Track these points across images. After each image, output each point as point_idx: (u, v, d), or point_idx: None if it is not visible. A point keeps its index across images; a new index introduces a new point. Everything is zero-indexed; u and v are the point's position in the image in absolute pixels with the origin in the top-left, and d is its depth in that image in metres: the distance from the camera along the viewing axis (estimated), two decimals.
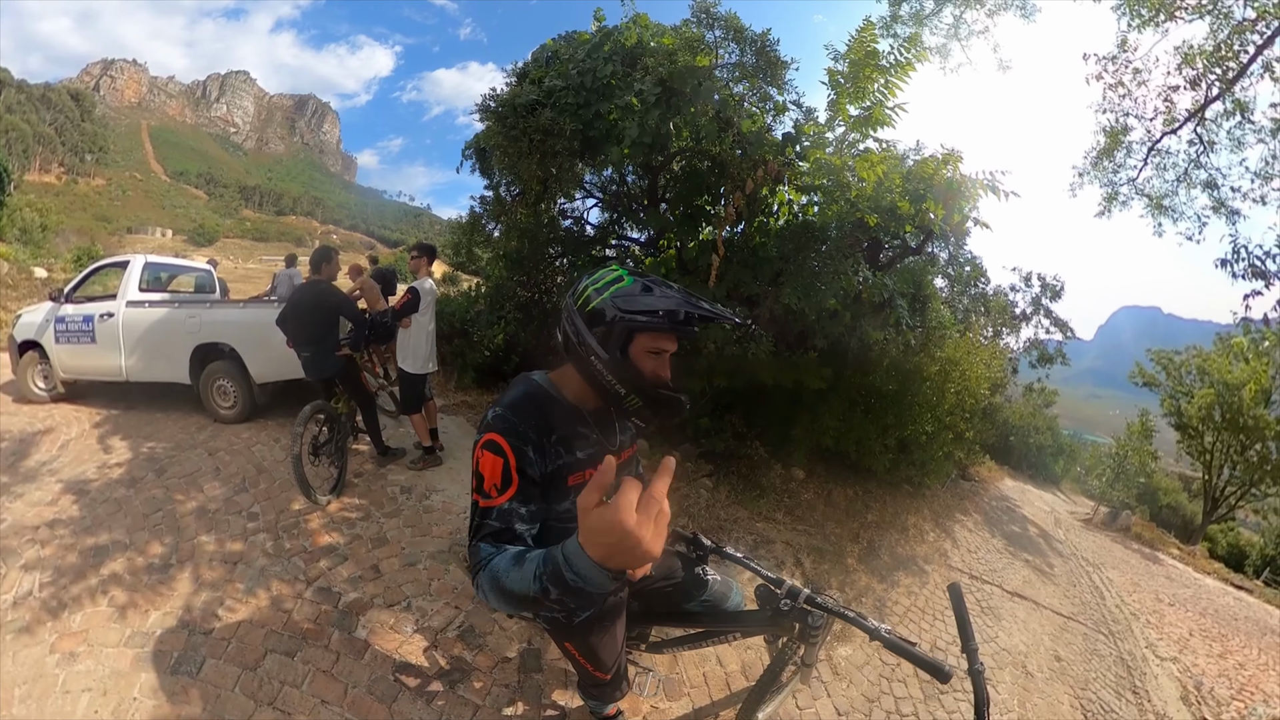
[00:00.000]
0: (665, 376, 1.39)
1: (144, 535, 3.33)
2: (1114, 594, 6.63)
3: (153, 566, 3.06)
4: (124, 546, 3.21)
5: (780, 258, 4.51)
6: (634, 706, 2.61)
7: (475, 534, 1.20)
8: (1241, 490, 15.62)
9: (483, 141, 5.81)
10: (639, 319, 1.28)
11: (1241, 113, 7.66)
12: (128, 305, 5.33)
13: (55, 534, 3.26)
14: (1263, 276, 6.13)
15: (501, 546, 1.14)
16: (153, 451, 4.50)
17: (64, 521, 3.40)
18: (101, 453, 4.44)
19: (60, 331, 5.37)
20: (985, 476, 11.81)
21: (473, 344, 7.29)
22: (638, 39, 5.21)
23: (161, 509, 3.62)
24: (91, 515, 3.50)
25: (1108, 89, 8.55)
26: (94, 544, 3.20)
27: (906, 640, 1.51)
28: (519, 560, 1.04)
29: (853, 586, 4.35)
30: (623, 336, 1.31)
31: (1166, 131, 8.33)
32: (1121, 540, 10.99)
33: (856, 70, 4.02)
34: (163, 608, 2.76)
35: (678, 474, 4.99)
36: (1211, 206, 8.20)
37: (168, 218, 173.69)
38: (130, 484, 3.92)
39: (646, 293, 1.30)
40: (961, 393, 6.62)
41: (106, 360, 5.32)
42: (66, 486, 3.82)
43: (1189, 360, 15.99)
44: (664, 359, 1.38)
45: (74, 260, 17.83)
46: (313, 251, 4.42)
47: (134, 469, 4.15)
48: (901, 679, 3.32)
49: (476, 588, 1.14)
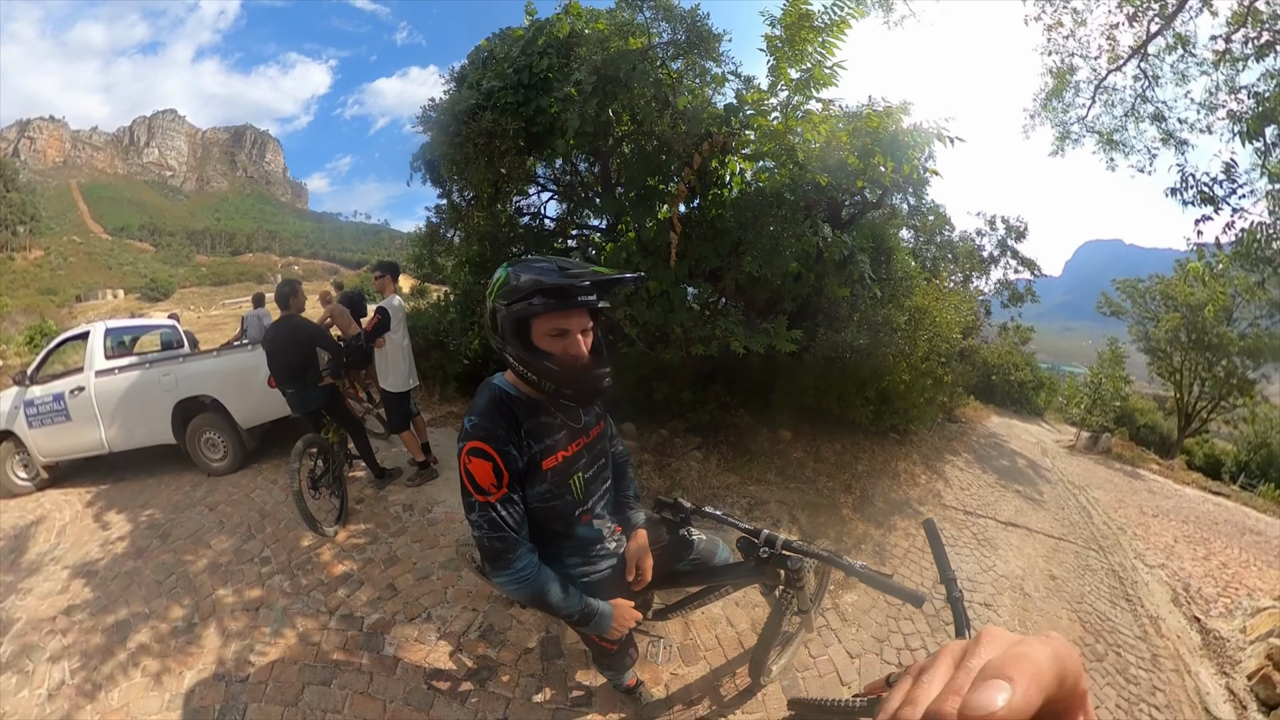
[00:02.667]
0: (579, 354, 1.39)
1: (162, 602, 3.33)
2: (1100, 512, 6.90)
3: (177, 629, 3.07)
4: (145, 616, 3.21)
5: (739, 227, 4.57)
6: (654, 675, 2.72)
7: (488, 528, 1.38)
8: (1212, 404, 16.36)
9: (428, 154, 5.77)
10: (516, 306, 1.33)
11: (1183, 46, 7.87)
12: (97, 375, 5.16)
13: (74, 620, 3.23)
14: (1211, 202, 6.31)
15: (523, 532, 1.43)
16: (152, 518, 4.44)
17: (79, 606, 3.37)
18: (101, 530, 4.36)
19: (32, 415, 5.18)
20: (971, 417, 12.09)
21: (450, 354, 7.28)
22: (570, 29, 5.20)
23: (174, 573, 3.61)
24: (105, 593, 3.48)
25: (1048, 29, 8.74)
26: (114, 621, 3.19)
27: (881, 572, 1.60)
28: (565, 588, 1.50)
29: (850, 535, 4.49)
30: (517, 327, 1.37)
31: (1111, 69, 8.54)
32: (1104, 462, 11.37)
33: (793, 34, 4.07)
34: (195, 666, 2.80)
35: (668, 449, 5.07)
36: (1160, 138, 8.44)
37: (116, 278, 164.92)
38: (137, 555, 3.89)
39: (518, 278, 1.32)
40: (934, 339, 6.78)
41: (86, 436, 5.15)
42: (74, 571, 3.77)
43: (1152, 288, 16.58)
44: (573, 338, 1.38)
45: (27, 342, 17.23)
46: (277, 288, 4.38)
47: (137, 539, 4.11)
48: (908, 616, 3.45)
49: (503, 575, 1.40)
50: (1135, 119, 8.62)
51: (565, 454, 1.51)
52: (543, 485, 1.48)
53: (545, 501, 1.51)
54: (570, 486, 1.54)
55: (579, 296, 1.30)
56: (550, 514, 1.55)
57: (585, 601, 1.55)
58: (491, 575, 1.44)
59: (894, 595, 1.57)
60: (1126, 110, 8.67)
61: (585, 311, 1.38)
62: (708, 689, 2.69)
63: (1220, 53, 7.40)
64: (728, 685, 2.72)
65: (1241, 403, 15.86)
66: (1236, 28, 7.08)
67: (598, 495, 1.66)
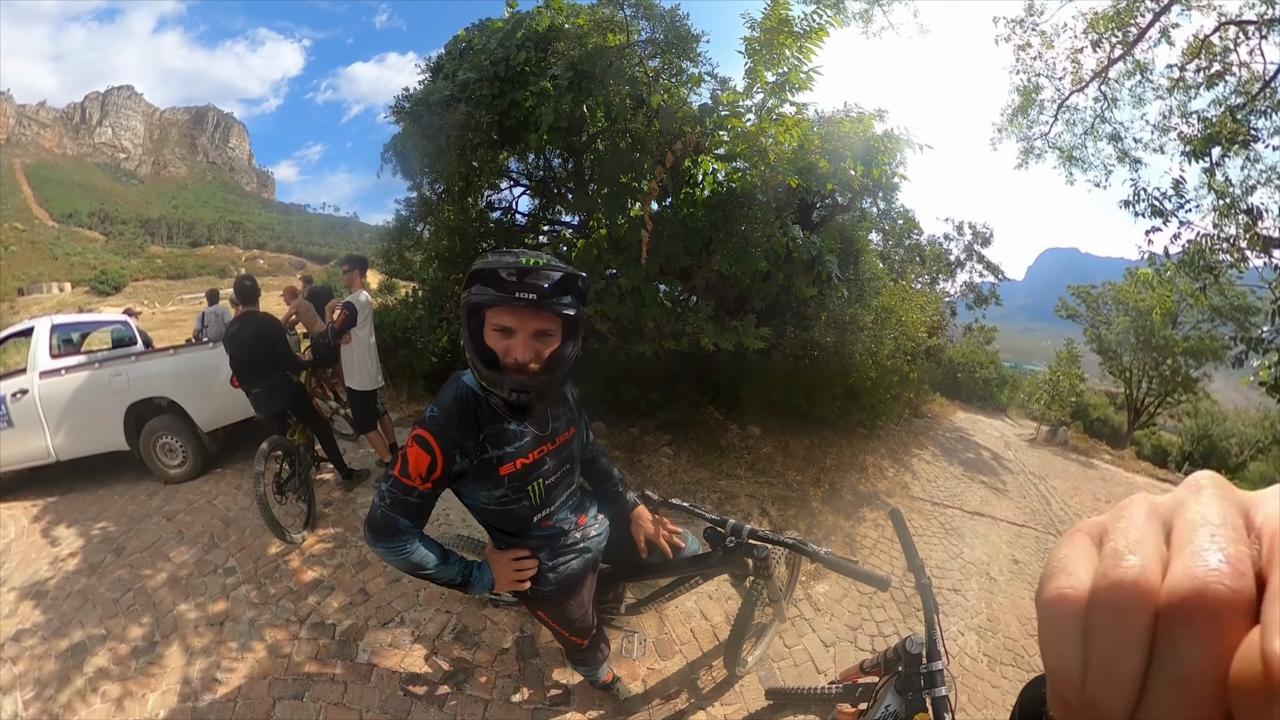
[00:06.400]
0: (520, 359, 1.28)
1: (120, 621, 3.16)
2: (1058, 500, 7.20)
3: (138, 650, 2.93)
4: (102, 638, 3.03)
5: (710, 226, 4.61)
6: (631, 671, 2.75)
7: (390, 504, 1.37)
8: (1159, 399, 17.76)
9: (400, 145, 5.67)
10: (464, 293, 1.28)
11: (1141, 73, 8.42)
12: (41, 377, 4.78)
13: (24, 646, 3.02)
14: (1161, 215, 6.88)
15: (418, 524, 1.43)
16: (106, 532, 4.19)
17: (29, 630, 3.15)
18: (50, 547, 4.09)
19: None
20: (938, 412, 12.44)
21: (418, 352, 7.16)
22: (551, 22, 5.16)
23: (130, 589, 3.43)
24: (58, 615, 3.28)
25: (1017, 50, 9.27)
26: (69, 644, 3.01)
27: (847, 558, 1.66)
28: (445, 558, 1.49)
29: (820, 527, 4.59)
30: (469, 317, 1.31)
31: (1074, 90, 9.08)
32: (1061, 453, 11.84)
33: (771, 37, 4.12)
34: (159, 688, 2.68)
35: (639, 446, 5.08)
36: (1116, 156, 9.02)
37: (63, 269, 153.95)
38: (90, 572, 3.68)
39: (477, 265, 1.26)
40: (900, 337, 6.98)
41: (29, 444, 4.75)
42: (22, 593, 3.53)
43: (1104, 293, 17.86)
44: (517, 339, 1.28)
45: None
46: (236, 284, 4.18)
47: (90, 555, 3.88)
48: (880, 604, 3.55)
49: (382, 546, 1.42)
50: (1094, 137, 9.22)
51: (525, 460, 1.47)
52: (499, 490, 1.46)
53: (501, 505, 1.49)
54: (529, 492, 1.51)
55: (515, 293, 1.20)
56: (506, 516, 1.54)
57: (464, 564, 1.53)
58: (371, 543, 1.42)
59: (859, 580, 1.62)
60: (1086, 129, 9.26)
61: (546, 315, 1.27)
62: (685, 682, 2.72)
63: (1175, 80, 8.02)
64: (705, 678, 2.76)
65: (1185, 398, 17.37)
66: (1191, 58, 7.66)
67: (560, 500, 1.62)
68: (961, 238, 16.68)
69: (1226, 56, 7.36)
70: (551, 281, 1.22)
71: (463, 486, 1.47)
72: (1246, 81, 7.18)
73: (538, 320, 1.28)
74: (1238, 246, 6.74)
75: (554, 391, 1.42)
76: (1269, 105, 6.80)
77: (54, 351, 5.07)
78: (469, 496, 1.51)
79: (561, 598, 1.71)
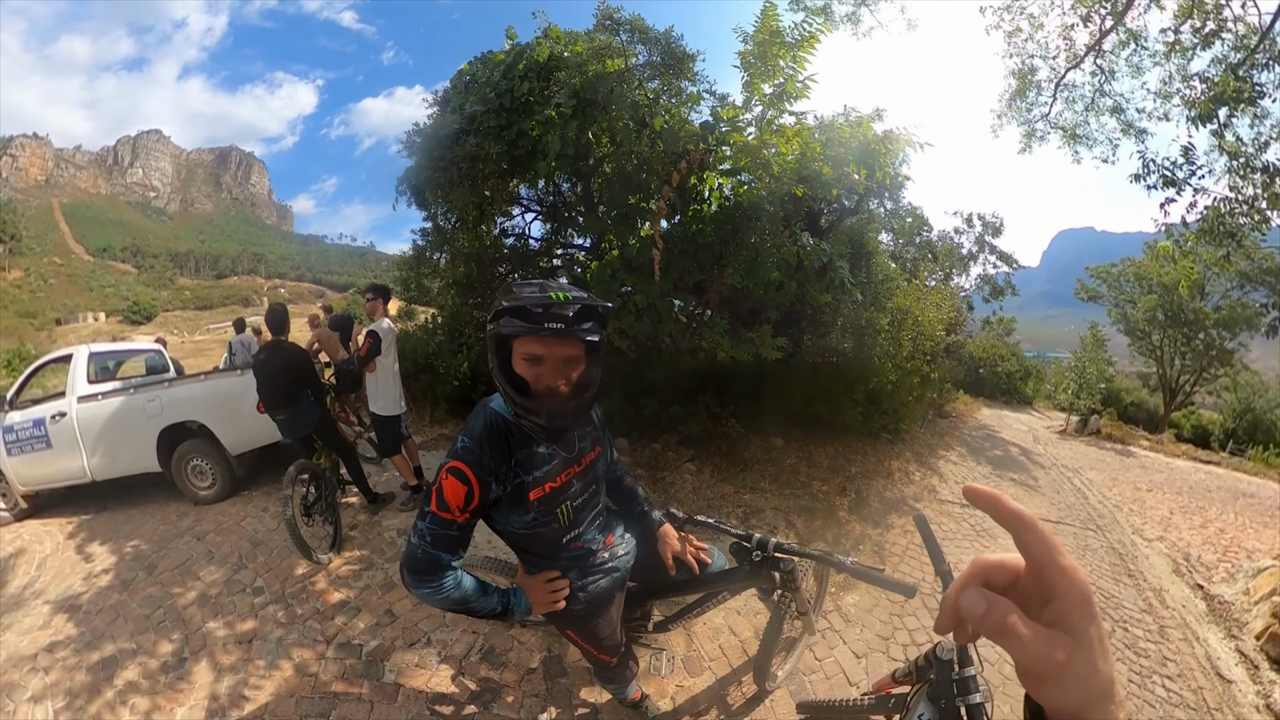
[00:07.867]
0: (552, 385, 1.34)
1: (150, 636, 3.26)
2: (1096, 492, 7.04)
3: (167, 665, 3.01)
4: (132, 653, 3.13)
5: (719, 241, 4.66)
6: (660, 688, 2.75)
7: (432, 541, 1.38)
8: (1194, 377, 16.84)
9: (413, 178, 5.83)
10: (492, 326, 1.32)
11: (1135, 41, 8.23)
12: (80, 401, 5.01)
13: (57, 657, 3.14)
14: (1173, 184, 6.63)
15: (456, 558, 1.43)
16: (138, 550, 4.35)
17: (63, 642, 3.27)
18: (84, 563, 4.25)
19: (10, 442, 4.99)
20: (962, 411, 12.25)
21: (439, 376, 7.30)
22: (550, 52, 5.29)
23: (161, 606, 3.54)
24: (90, 629, 3.39)
25: (1008, 35, 9.16)
26: (100, 658, 3.11)
27: (873, 567, 1.67)
28: (484, 589, 1.51)
29: (848, 537, 4.55)
30: (498, 347, 1.36)
31: (1070, 67, 8.89)
32: (1095, 443, 11.57)
33: (764, 50, 4.18)
34: (187, 703, 2.74)
35: (661, 463, 5.10)
36: (1120, 129, 8.78)
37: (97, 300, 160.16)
38: (123, 588, 3.80)
39: (503, 297, 1.31)
40: (918, 337, 6.91)
41: (67, 464, 4.98)
42: (56, 606, 3.67)
43: (1125, 271, 17.08)
44: (546, 366, 1.34)
45: (5, 365, 16.98)
46: (268, 313, 4.34)
47: (122, 572, 4.02)
48: (912, 612, 3.50)
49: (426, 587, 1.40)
50: (1096, 112, 8.98)
51: (554, 484, 1.51)
52: (529, 514, 1.49)
53: (531, 529, 1.53)
54: (558, 515, 1.54)
55: (545, 323, 1.26)
56: (535, 540, 1.57)
57: (501, 593, 1.55)
58: (411, 586, 1.41)
59: (885, 588, 1.61)
60: (1087, 105, 9.04)
61: (572, 341, 1.33)
62: (714, 699, 2.71)
63: (1171, 44, 7.77)
64: (734, 694, 2.75)
65: (1223, 372, 16.42)
66: (1184, 20, 7.44)
67: (588, 521, 1.66)
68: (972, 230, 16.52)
69: (1220, 13, 7.10)
70: (576, 310, 1.29)
71: (495, 513, 1.51)
72: (1244, 36, 6.91)
73: (565, 347, 1.33)
74: (1258, 208, 6.53)
75: (585, 413, 1.49)
76: (1269, 57, 6.48)
77: (91, 377, 5.29)
78: (500, 522, 1.55)
79: (591, 617, 1.73)
